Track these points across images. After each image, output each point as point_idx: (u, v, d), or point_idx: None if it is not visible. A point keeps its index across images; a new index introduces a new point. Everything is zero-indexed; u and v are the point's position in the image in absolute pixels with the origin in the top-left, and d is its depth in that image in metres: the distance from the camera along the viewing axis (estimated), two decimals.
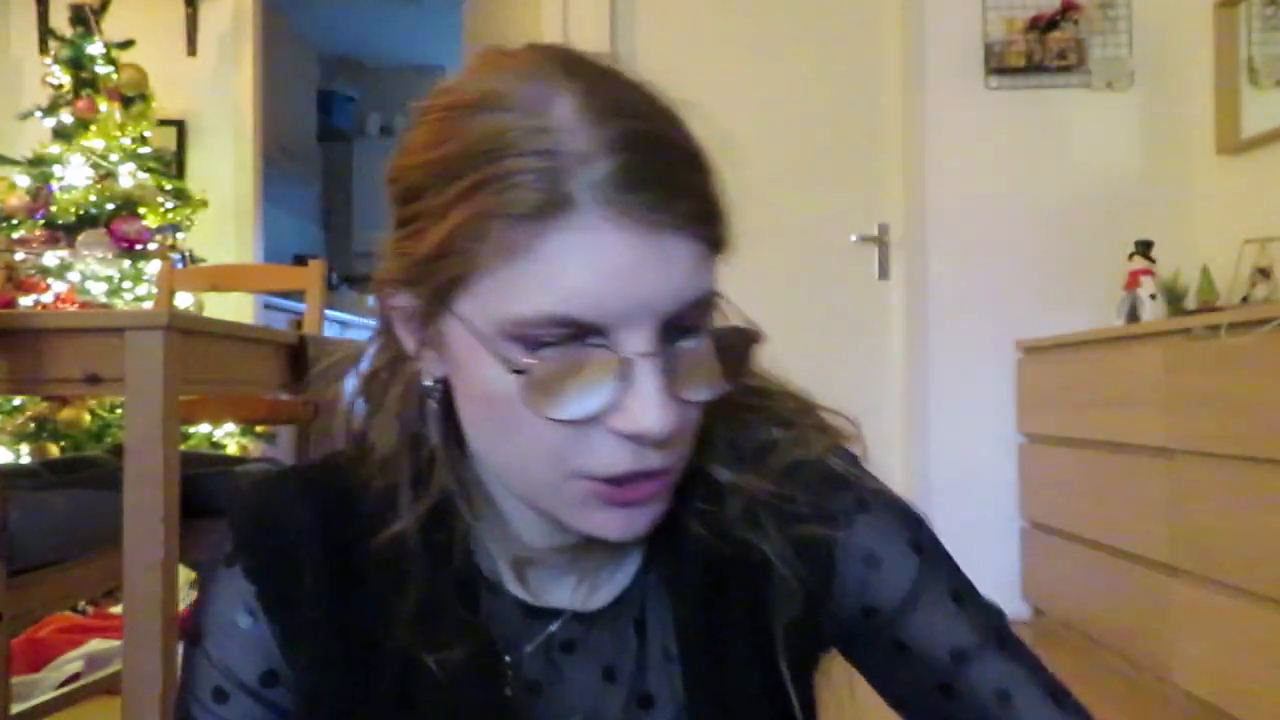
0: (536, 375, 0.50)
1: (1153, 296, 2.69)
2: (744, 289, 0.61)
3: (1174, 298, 2.72)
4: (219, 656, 0.61)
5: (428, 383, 0.59)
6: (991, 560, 3.08)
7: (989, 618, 0.64)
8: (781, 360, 0.68)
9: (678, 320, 0.52)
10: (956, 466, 3.10)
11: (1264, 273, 2.57)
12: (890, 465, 3.15)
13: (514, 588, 0.63)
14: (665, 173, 0.51)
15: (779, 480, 0.63)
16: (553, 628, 0.63)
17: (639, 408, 0.51)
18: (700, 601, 0.61)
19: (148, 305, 2.87)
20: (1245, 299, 2.57)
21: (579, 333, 0.50)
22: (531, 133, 0.50)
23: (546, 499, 0.56)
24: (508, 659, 0.61)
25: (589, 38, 3.27)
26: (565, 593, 0.63)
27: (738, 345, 0.56)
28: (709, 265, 0.53)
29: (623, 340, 0.51)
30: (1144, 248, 2.79)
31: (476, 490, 0.62)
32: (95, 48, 3.09)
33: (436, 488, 0.60)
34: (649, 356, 0.51)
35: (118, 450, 1.79)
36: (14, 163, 3.07)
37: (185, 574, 2.80)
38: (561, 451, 0.53)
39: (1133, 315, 2.72)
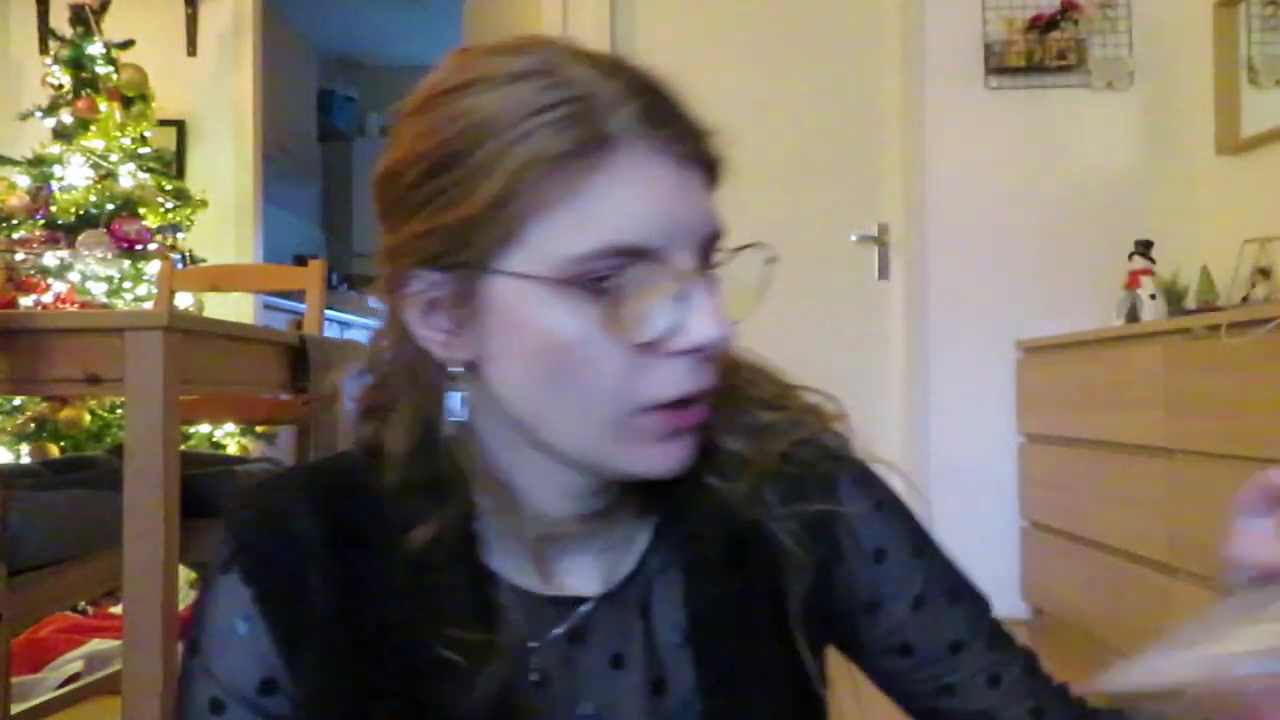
0: (611, 304, 0.53)
1: (1153, 296, 2.69)
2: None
3: (1174, 298, 2.72)
4: (216, 668, 0.60)
5: (456, 369, 0.59)
6: (991, 560, 3.08)
7: (980, 606, 0.68)
8: (782, 360, 0.68)
9: (708, 246, 0.57)
10: (956, 466, 3.10)
11: (1264, 273, 2.57)
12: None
13: (524, 580, 0.62)
14: (683, 111, 0.56)
15: (780, 460, 0.64)
16: (567, 618, 0.62)
17: (700, 321, 0.54)
18: (718, 579, 0.62)
19: (148, 305, 2.87)
20: (1245, 299, 2.57)
21: (632, 261, 0.53)
22: (558, 87, 0.54)
23: (602, 445, 0.57)
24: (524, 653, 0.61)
25: (589, 37, 3.27)
26: (582, 576, 0.63)
27: (755, 270, 0.59)
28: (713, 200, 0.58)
29: (674, 263, 0.54)
30: (1144, 248, 2.79)
31: (487, 479, 0.61)
32: (95, 48, 3.09)
33: (459, 481, 0.60)
34: (701, 273, 0.55)
35: (118, 450, 1.79)
36: (14, 163, 3.07)
37: (185, 574, 2.80)
38: (627, 384, 0.55)
39: (1133, 315, 2.72)
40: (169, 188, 3.18)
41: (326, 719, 0.59)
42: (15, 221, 2.98)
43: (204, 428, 2.97)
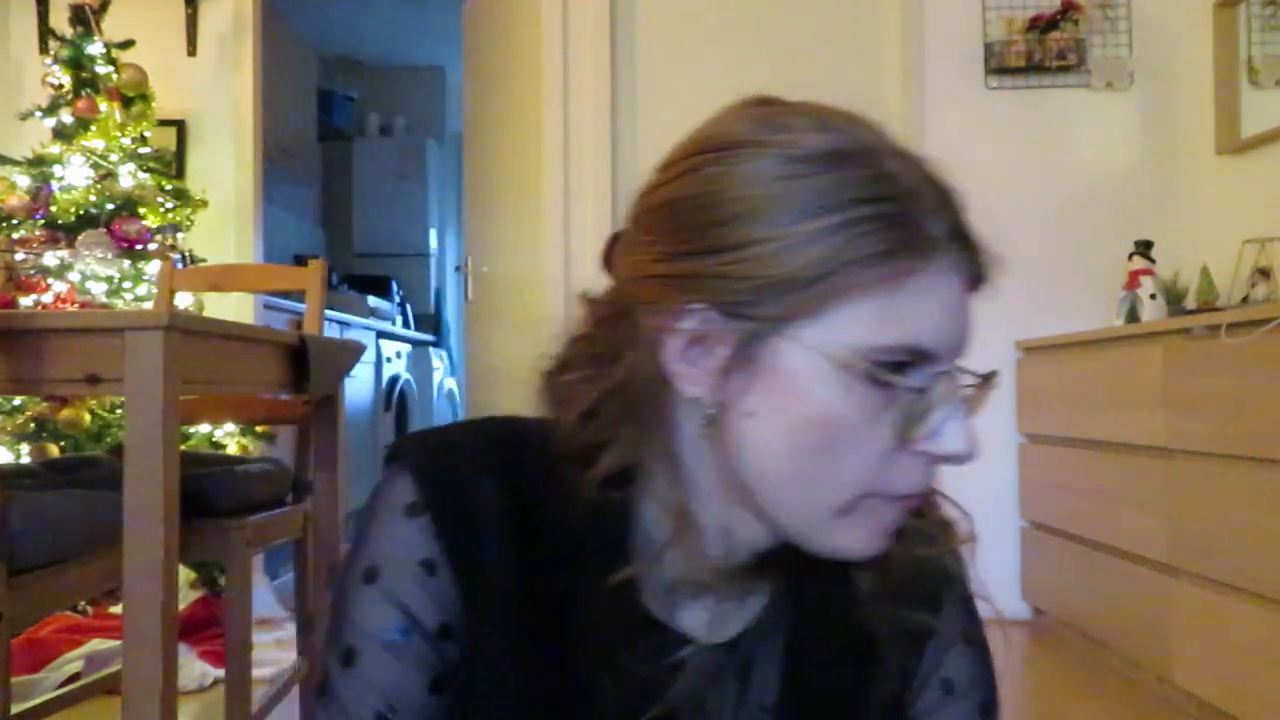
0: (889, 398, 0.56)
1: (1152, 296, 2.69)
2: None
3: (1174, 298, 2.72)
4: (401, 598, 0.61)
5: (709, 410, 0.58)
6: (991, 560, 3.06)
7: None
8: None
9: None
10: (956, 466, 3.10)
11: (1264, 273, 2.57)
12: None
13: (650, 602, 0.64)
14: (975, 231, 0.61)
15: (901, 567, 0.66)
16: (665, 649, 0.64)
17: (954, 432, 0.57)
18: (815, 662, 0.65)
19: (148, 305, 2.87)
20: (1245, 299, 2.58)
21: (915, 362, 0.56)
22: (882, 180, 0.56)
23: (821, 519, 0.58)
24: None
25: (588, 39, 3.27)
26: (689, 618, 0.65)
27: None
28: None
29: (951, 373, 0.58)
30: (1144, 248, 2.80)
31: (676, 513, 0.62)
32: (95, 48, 3.09)
33: (673, 505, 0.61)
34: (965, 388, 0.59)
35: (118, 450, 1.79)
36: (14, 163, 3.07)
37: (185, 574, 2.80)
38: (876, 471, 0.57)
39: (1133, 315, 2.72)
40: (169, 188, 3.18)
41: (492, 678, 0.62)
42: (15, 221, 2.97)
43: (204, 428, 2.96)
